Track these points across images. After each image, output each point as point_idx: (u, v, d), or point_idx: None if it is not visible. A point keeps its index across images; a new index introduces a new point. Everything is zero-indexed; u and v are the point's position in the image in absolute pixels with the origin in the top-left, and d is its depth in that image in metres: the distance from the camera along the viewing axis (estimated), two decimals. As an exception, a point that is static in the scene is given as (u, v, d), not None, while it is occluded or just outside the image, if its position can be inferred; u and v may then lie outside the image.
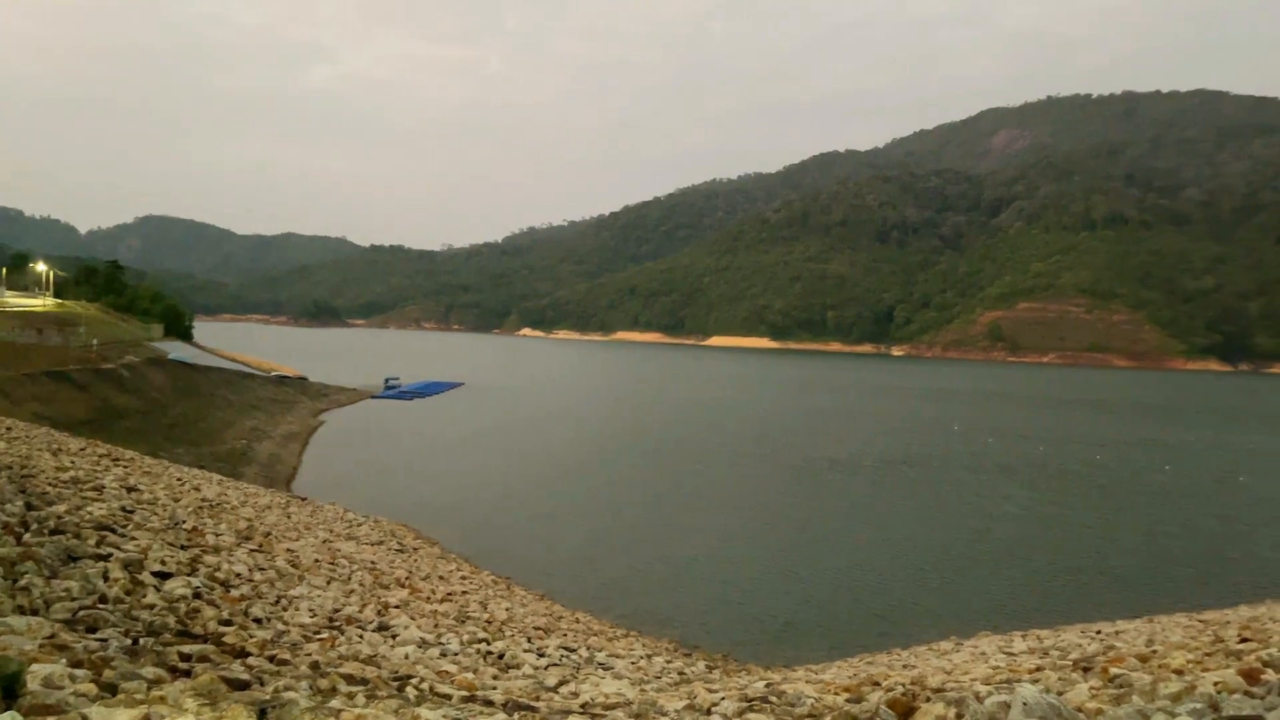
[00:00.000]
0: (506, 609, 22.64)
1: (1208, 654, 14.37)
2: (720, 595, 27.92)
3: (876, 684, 11.20)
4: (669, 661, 19.93)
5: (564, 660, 16.84)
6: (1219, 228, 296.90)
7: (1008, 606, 27.34)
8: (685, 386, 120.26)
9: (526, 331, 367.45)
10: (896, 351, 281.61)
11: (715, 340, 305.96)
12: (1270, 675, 9.23)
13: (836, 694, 10.25)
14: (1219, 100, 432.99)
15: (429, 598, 21.14)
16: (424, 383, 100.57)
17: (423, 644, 14.23)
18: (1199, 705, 6.95)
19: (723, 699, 9.81)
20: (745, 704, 9.16)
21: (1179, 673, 11.11)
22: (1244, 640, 17.37)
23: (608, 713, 8.86)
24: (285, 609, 13.93)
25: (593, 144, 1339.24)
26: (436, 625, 17.06)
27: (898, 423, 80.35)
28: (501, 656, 15.29)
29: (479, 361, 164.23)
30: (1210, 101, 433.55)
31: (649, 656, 20.19)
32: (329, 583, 18.48)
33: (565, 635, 20.90)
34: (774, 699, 9.62)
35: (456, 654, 14.21)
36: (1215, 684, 8.90)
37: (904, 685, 10.29)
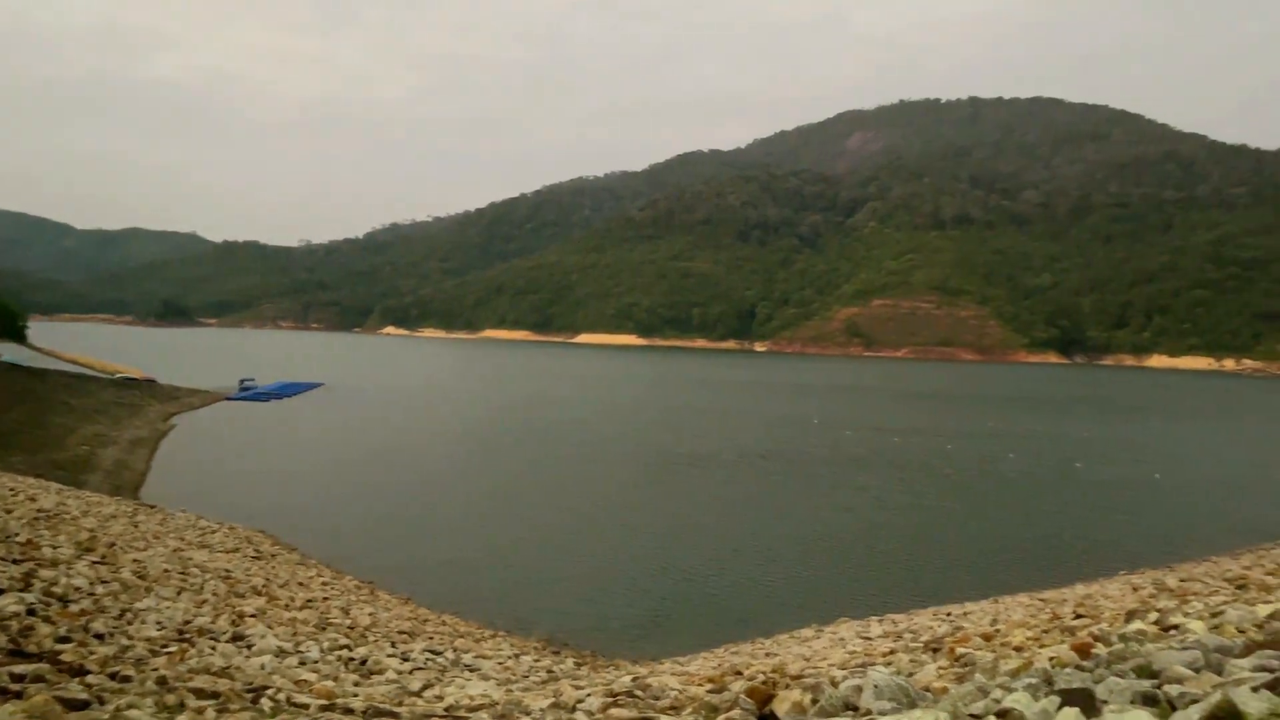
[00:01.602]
0: (370, 614, 22.17)
1: (1045, 631, 15.31)
2: (589, 592, 28.04)
3: (739, 673, 11.49)
4: (537, 660, 19.92)
5: (429, 663, 16.63)
6: (1055, 228, 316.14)
7: (865, 593, 28.39)
8: (552, 384, 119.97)
9: (390, 330, 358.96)
10: (759, 347, 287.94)
11: (584, 338, 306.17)
12: (1100, 649, 9.91)
13: (700, 685, 10.47)
14: (1054, 107, 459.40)
15: (288, 605, 20.49)
16: (281, 383, 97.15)
17: (280, 653, 13.80)
18: (1034, 680, 7.34)
19: (588, 695, 9.90)
20: (610, 699, 9.26)
21: (1019, 650, 11.81)
22: (1078, 617, 18.56)
23: (471, 715, 8.81)
24: (130, 623, 13.28)
25: (456, 139, 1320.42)
26: (295, 633, 16.56)
27: (759, 417, 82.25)
28: (364, 662, 14.97)
29: (339, 361, 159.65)
30: (1047, 108, 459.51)
31: (517, 656, 20.14)
32: (179, 593, 17.69)
33: (431, 638, 20.62)
34: (639, 693, 9.75)
35: (316, 662, 13.84)
36: (1051, 659, 9.51)
37: (765, 674, 10.59)
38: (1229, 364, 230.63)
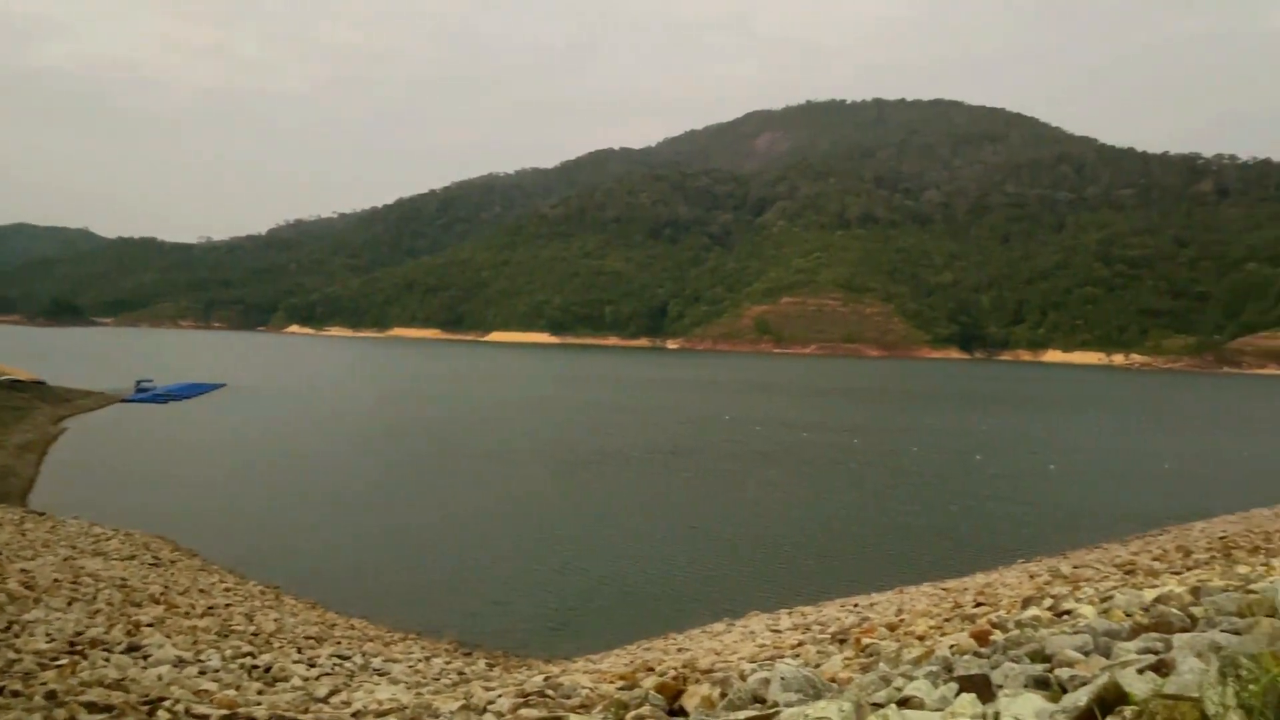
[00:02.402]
0: (275, 620, 21.65)
1: (947, 619, 15.77)
2: (502, 592, 27.85)
3: (650, 669, 11.57)
4: (448, 662, 19.73)
5: (337, 669, 16.31)
6: (955, 227, 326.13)
7: (776, 586, 28.81)
8: (462, 383, 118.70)
9: (295, 329, 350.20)
10: (671, 345, 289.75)
11: (495, 336, 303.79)
12: (997, 635, 10.25)
13: (611, 682, 10.50)
14: (954, 110, 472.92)
15: (188, 613, 19.87)
16: (181, 385, 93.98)
17: (180, 663, 13.36)
18: (935, 668, 7.54)
19: (499, 696, 9.83)
20: (521, 700, 9.22)
21: (922, 639, 12.15)
22: (978, 605, 19.17)
23: (380, 719, 8.66)
24: (18, 635, 12.69)
25: (361, 134, 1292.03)
26: (196, 642, 16.06)
27: (671, 414, 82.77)
28: (268, 670, 14.60)
29: (243, 361, 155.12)
30: (947, 110, 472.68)
31: (428, 659, 19.91)
32: (71, 604, 16.98)
33: (339, 643, 20.25)
34: (550, 692, 9.73)
35: (218, 671, 13.44)
36: (951, 647, 9.80)
37: (676, 669, 10.69)
38: (1118, 359, 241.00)
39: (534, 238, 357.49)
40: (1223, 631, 7.62)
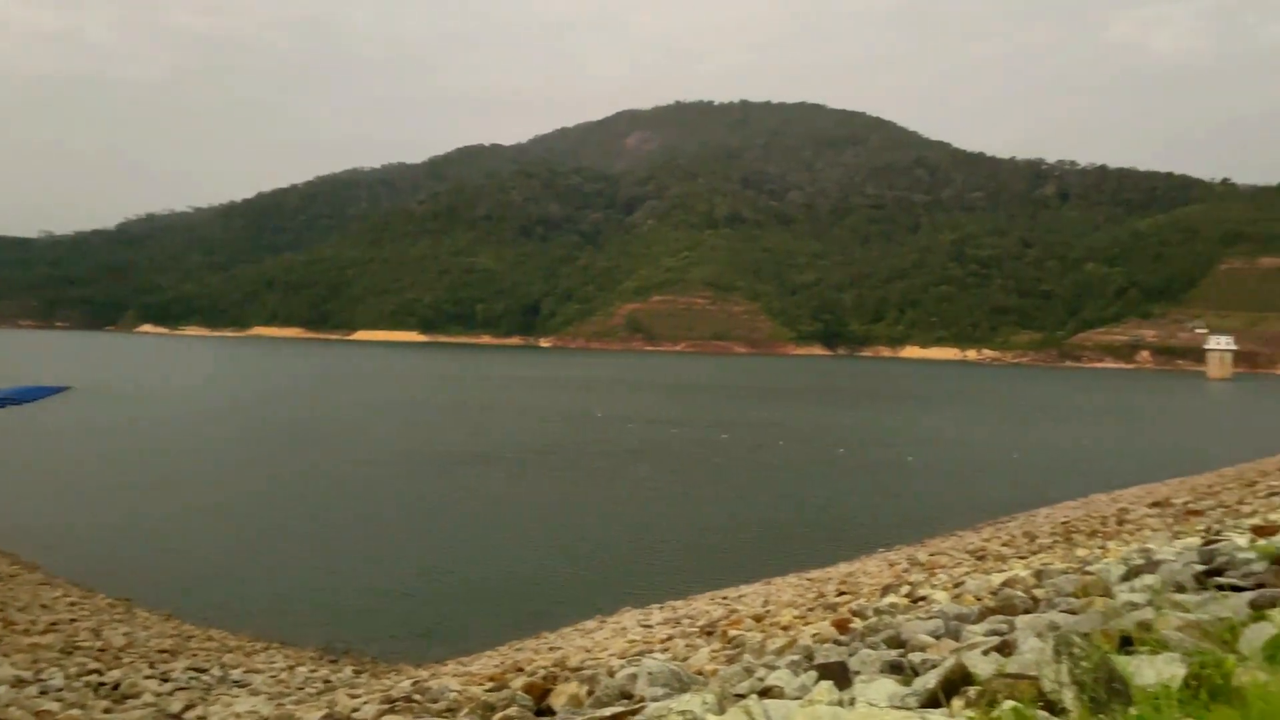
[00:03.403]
0: (125, 634, 20.59)
1: (811, 609, 16.25)
2: (370, 596, 27.20)
3: (521, 670, 11.51)
4: (313, 671, 19.18)
5: (193, 683, 15.64)
6: (818, 227, 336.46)
7: (647, 581, 29.04)
8: (325, 383, 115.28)
9: (147, 328, 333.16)
10: (544, 343, 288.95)
11: (362, 334, 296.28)
12: (857, 623, 10.63)
13: (481, 684, 10.40)
14: (817, 113, 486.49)
15: (28, 630, 18.70)
16: (19, 388, 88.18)
17: (19, 683, 12.57)
18: (797, 657, 7.75)
19: (364, 703, 9.61)
20: (387, 705, 9.04)
21: (786, 629, 12.48)
22: (841, 594, 19.81)
23: (237, 734, 8.34)
24: None
25: (218, 125, 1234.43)
26: (36, 660, 15.12)
27: (542, 413, 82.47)
28: (117, 686, 13.88)
29: (89, 362, 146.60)
30: (811, 113, 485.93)
31: (291, 668, 19.31)
32: (-109, 629, 15.73)
33: (195, 655, 19.41)
34: (417, 697, 9.57)
35: (61, 690, 12.70)
36: (813, 636, 10.10)
37: (546, 668, 10.67)
38: (971, 354, 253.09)
39: (402, 234, 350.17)
40: (1061, 612, 8.11)
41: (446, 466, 51.68)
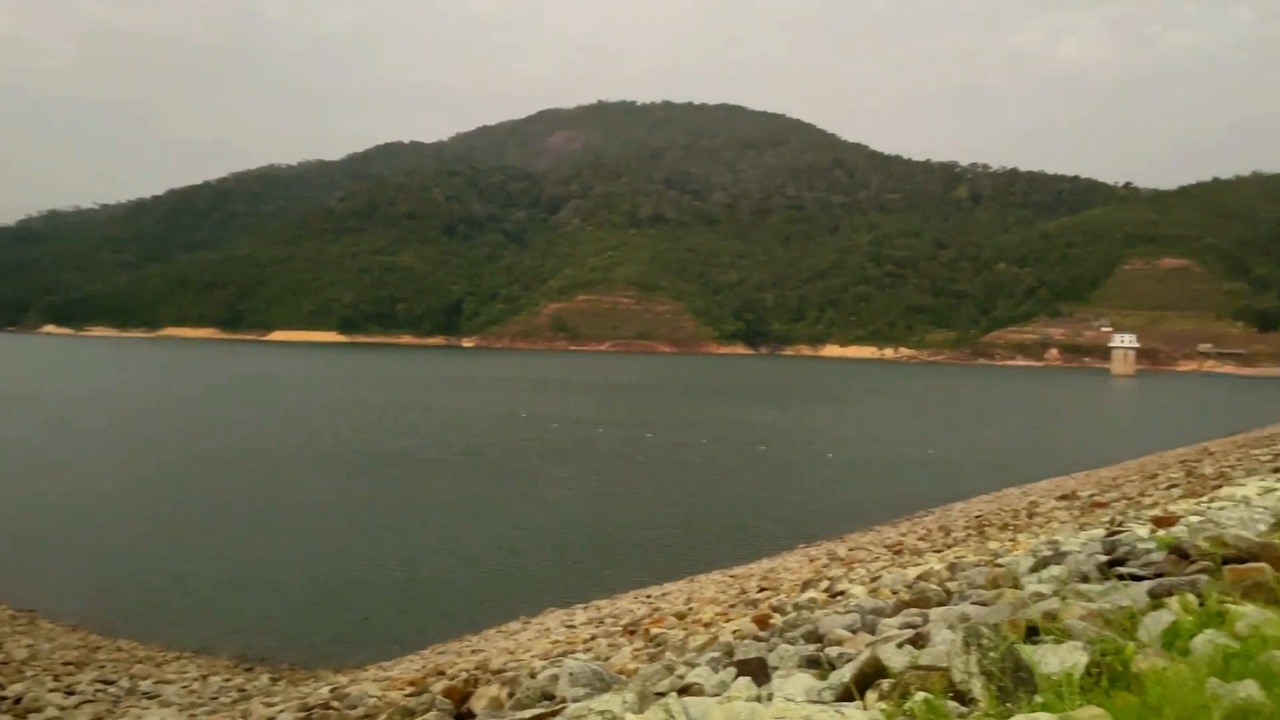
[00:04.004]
0: (28, 646, 19.83)
1: (732, 605, 16.41)
2: (288, 601, 26.61)
3: (442, 673, 11.39)
4: (228, 680, 18.71)
5: (100, 695, 15.12)
6: (740, 228, 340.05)
7: (571, 581, 28.97)
8: (240, 384, 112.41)
9: (50, 329, 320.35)
10: (467, 343, 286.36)
11: (279, 335, 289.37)
12: (777, 619, 10.77)
13: (401, 689, 10.27)
14: (739, 114, 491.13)
15: (-80, 648, 17.84)
16: None
17: (-91, 704, 11.98)
18: (717, 654, 7.82)
19: (280, 712, 9.41)
20: (304, 714, 8.87)
21: (708, 625, 12.58)
22: (762, 590, 20.04)
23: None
24: None
25: (126, 119, 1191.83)
26: (-71, 680, 14.45)
27: (465, 414, 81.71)
28: (19, 701, 13.35)
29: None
30: (732, 115, 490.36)
31: (205, 678, 18.81)
32: None
33: (103, 667, 18.78)
34: (335, 704, 9.41)
35: (-44, 709, 12.15)
36: (734, 632, 10.20)
37: (468, 671, 10.56)
38: (889, 352, 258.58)
39: (321, 233, 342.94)
40: (972, 604, 8.33)
41: (365, 469, 50.82)
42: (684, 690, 5.88)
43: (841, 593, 12.91)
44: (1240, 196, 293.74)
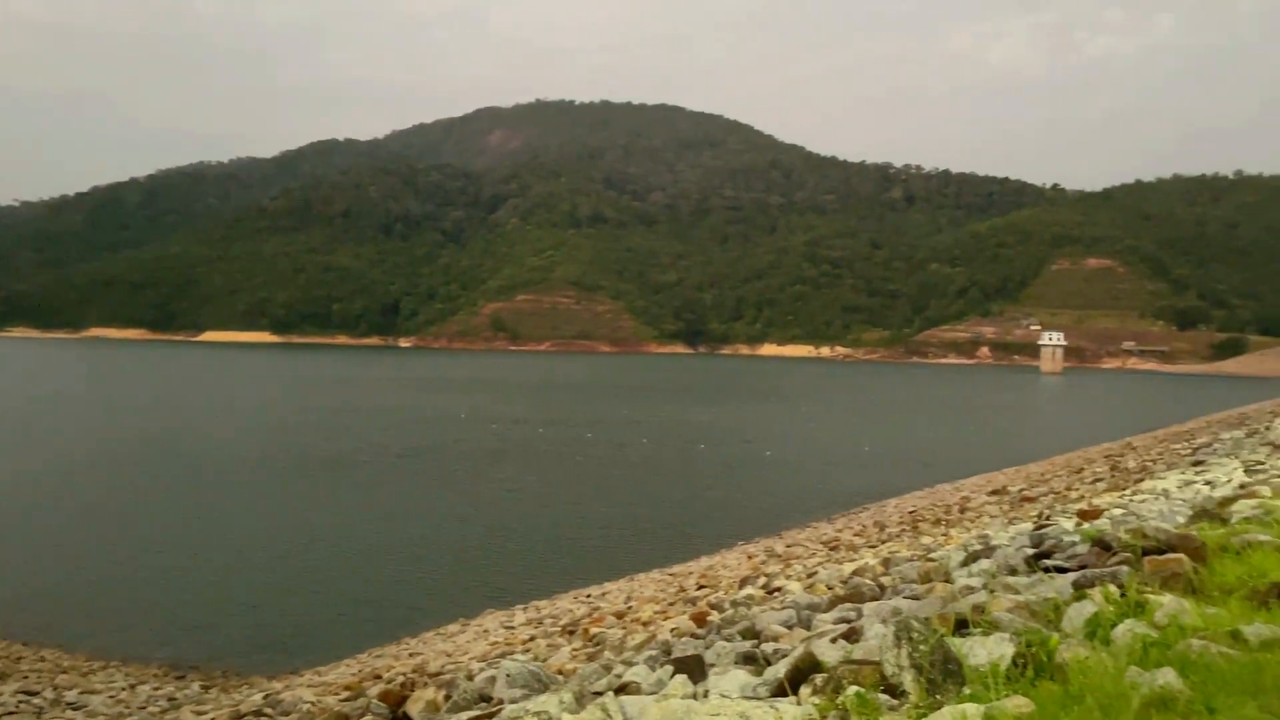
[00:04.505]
0: (-56, 660, 19.11)
1: (671, 603, 16.49)
2: (221, 607, 26.04)
3: (378, 677, 11.26)
4: (157, 689, 18.25)
5: (22, 706, 14.69)
6: (679, 228, 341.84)
7: (511, 583, 28.79)
8: (171, 386, 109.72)
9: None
10: (404, 343, 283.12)
11: (210, 335, 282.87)
12: (714, 616, 10.85)
13: (336, 694, 10.13)
14: (677, 115, 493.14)
15: None
16: None
17: None
18: (655, 652, 7.85)
19: (211, 719, 9.22)
20: (236, 722, 8.70)
21: (646, 624, 12.63)
22: (701, 587, 20.18)
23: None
24: None
25: (49, 114, 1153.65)
26: None
27: (403, 415, 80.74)
28: (-66, 719, 12.88)
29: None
30: (671, 115, 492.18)
31: (133, 687, 18.34)
32: None
33: (26, 677, 18.22)
34: (269, 710, 9.25)
35: None
36: (672, 630, 10.26)
37: (405, 674, 10.46)
38: (825, 351, 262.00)
39: (254, 231, 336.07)
40: (905, 598, 8.49)
41: (299, 472, 49.94)
42: (621, 689, 5.89)
43: (779, 589, 13.05)
44: (1161, 199, 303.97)
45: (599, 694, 5.98)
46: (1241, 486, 13.04)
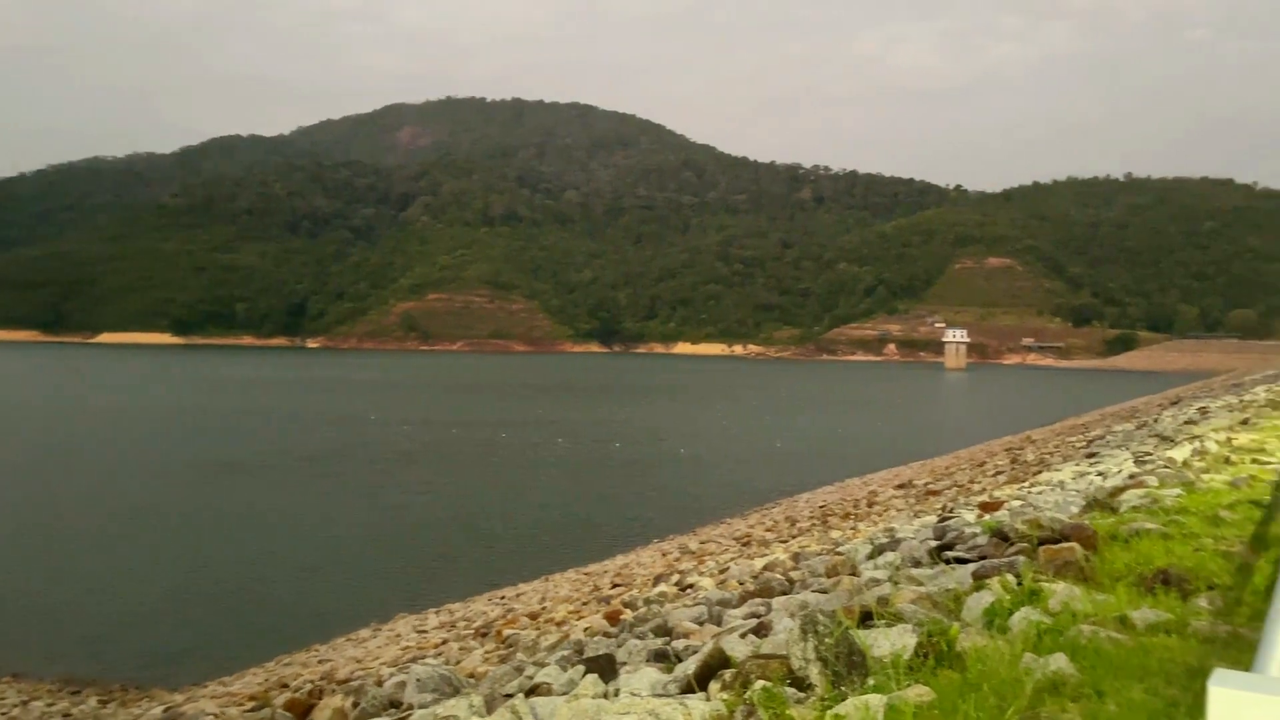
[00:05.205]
0: None
1: (585, 603, 16.49)
2: (118, 618, 25.09)
3: (285, 686, 10.99)
4: (51, 704, 17.56)
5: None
6: (593, 227, 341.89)
7: (424, 586, 28.43)
8: (62, 387, 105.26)
9: None
10: (312, 344, 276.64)
11: (107, 337, 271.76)
12: (627, 614, 10.89)
13: (241, 704, 9.87)
14: (590, 114, 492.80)
15: None
16: None
17: None
18: (567, 652, 7.84)
19: (107, 738, 8.88)
20: (133, 738, 8.40)
21: (560, 624, 12.60)
22: (615, 586, 20.23)
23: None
24: None
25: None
26: None
27: (310, 418, 78.94)
28: None
29: None
30: (583, 114, 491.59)
31: (25, 703, 17.61)
32: None
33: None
34: (169, 725, 8.95)
35: None
36: (585, 630, 10.26)
37: (312, 682, 10.25)
38: (738, 349, 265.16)
39: (153, 229, 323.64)
40: (813, 591, 8.65)
41: (204, 478, 48.41)
42: (532, 691, 5.87)
43: (691, 586, 13.17)
44: (1057, 200, 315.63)
45: (510, 696, 5.95)
46: (1131, 477, 13.62)
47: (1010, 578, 6.88)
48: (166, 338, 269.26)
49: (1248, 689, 1.89)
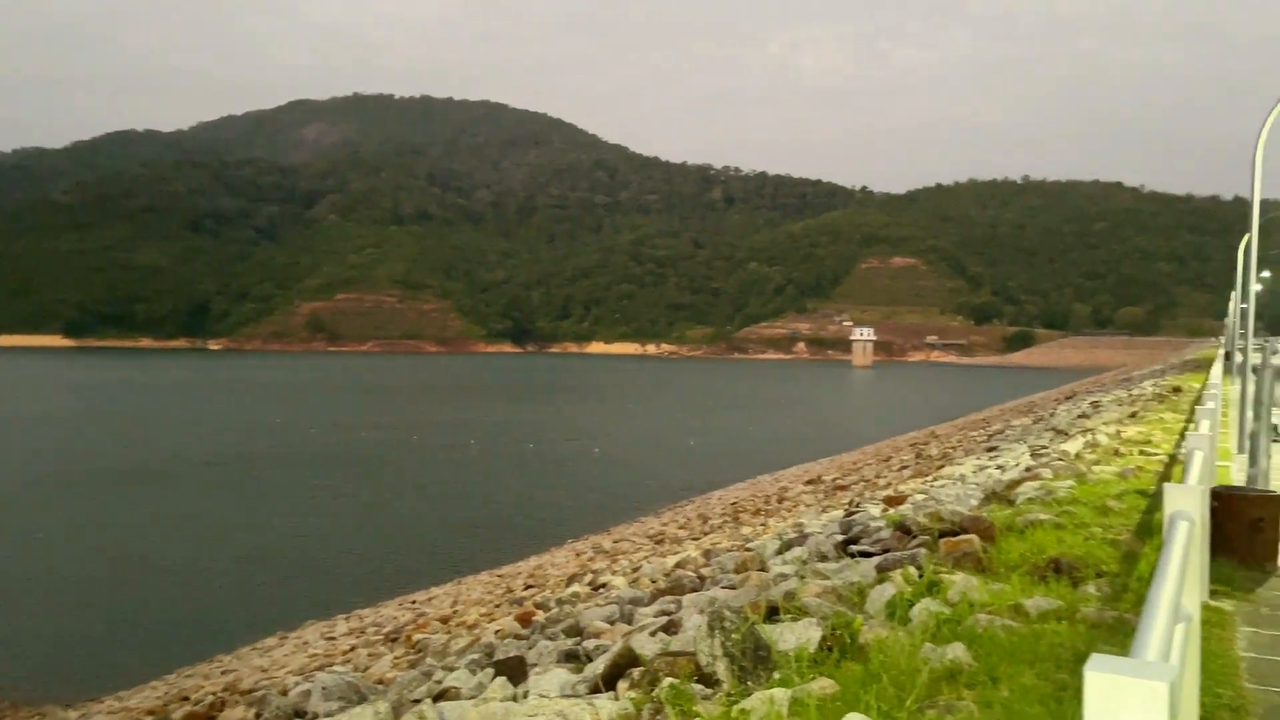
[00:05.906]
0: None
1: (498, 605, 16.37)
2: (10, 631, 23.97)
3: (186, 699, 10.66)
4: (-68, 728, 16.66)
5: None
6: (506, 226, 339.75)
7: (332, 592, 27.85)
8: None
9: None
10: (214, 345, 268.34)
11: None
12: (539, 615, 10.85)
13: (140, 718, 9.54)
14: (501, 112, 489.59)
15: None
16: None
17: None
18: (477, 655, 7.78)
19: (-7, 760, 8.47)
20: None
21: (472, 627, 12.48)
22: (528, 587, 20.13)
23: None
24: None
25: None
26: None
27: (210, 422, 76.55)
28: None
29: None
30: (495, 112, 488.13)
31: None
32: None
33: None
34: (60, 745, 8.59)
35: None
36: (496, 632, 10.19)
37: (214, 694, 9.95)
38: (651, 348, 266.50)
39: (42, 228, 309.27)
40: (722, 588, 8.75)
41: (98, 485, 46.54)
42: (440, 695, 5.81)
43: (604, 585, 13.19)
44: (958, 202, 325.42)
45: (418, 701, 5.88)
46: (1027, 470, 14.13)
47: (912, 570, 7.08)
48: (58, 340, 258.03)
49: (1122, 673, 1.96)
